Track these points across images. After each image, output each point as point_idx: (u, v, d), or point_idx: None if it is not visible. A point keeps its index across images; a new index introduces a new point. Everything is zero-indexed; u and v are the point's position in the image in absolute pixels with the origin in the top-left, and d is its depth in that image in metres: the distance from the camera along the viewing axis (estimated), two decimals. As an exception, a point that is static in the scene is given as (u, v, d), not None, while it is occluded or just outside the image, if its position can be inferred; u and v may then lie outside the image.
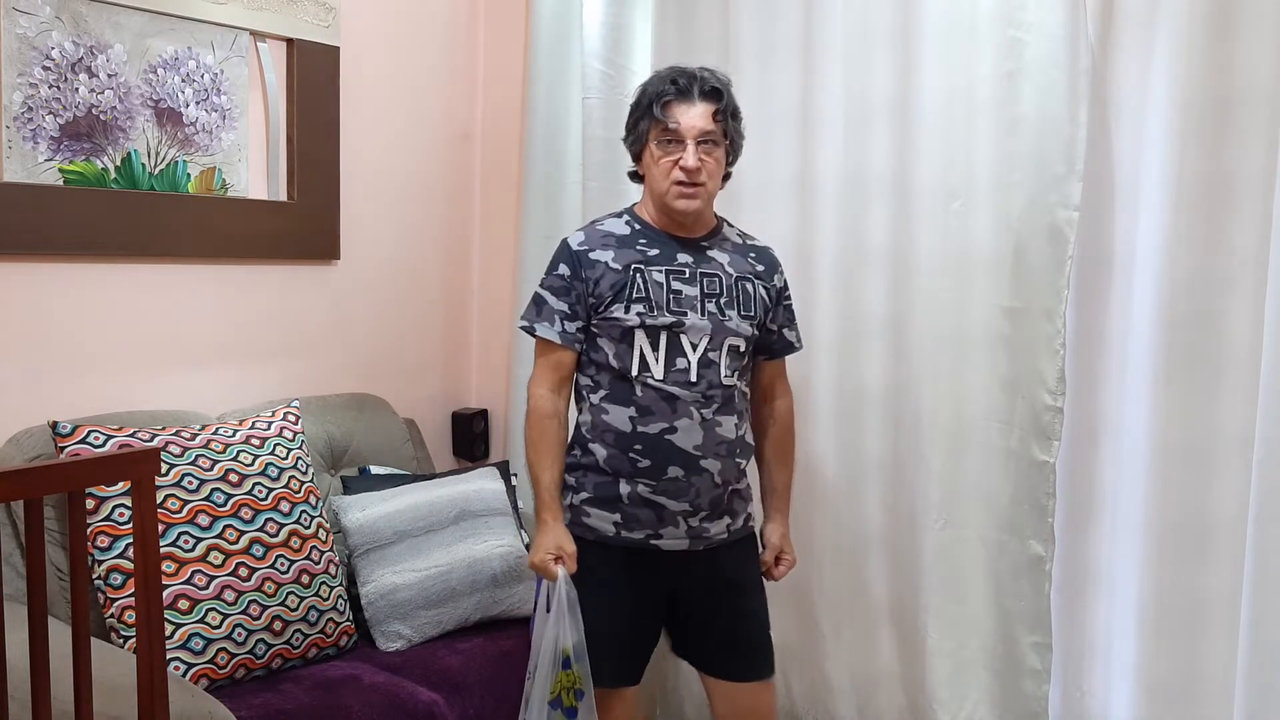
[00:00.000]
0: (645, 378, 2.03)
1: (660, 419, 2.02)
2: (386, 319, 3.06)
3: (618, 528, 2.06)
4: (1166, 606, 2.22)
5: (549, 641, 1.99)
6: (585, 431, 2.11)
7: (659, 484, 2.03)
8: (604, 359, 2.06)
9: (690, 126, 2.01)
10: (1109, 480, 2.34)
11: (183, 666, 2.07)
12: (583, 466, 2.10)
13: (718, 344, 2.05)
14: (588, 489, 2.09)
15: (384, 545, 2.46)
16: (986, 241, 2.36)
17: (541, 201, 3.05)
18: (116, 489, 2.11)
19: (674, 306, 2.03)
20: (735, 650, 2.16)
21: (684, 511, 2.04)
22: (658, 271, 2.05)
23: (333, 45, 2.81)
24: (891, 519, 2.56)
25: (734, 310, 2.07)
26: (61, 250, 2.33)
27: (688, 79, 2.04)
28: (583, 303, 2.07)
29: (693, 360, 2.03)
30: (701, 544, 2.08)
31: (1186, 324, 2.17)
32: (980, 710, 2.45)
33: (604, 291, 2.05)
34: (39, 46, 2.26)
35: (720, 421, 2.04)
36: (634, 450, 2.03)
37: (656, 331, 2.03)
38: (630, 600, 2.10)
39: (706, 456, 2.03)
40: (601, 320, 2.06)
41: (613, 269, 2.06)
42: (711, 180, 2.06)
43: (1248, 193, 2.09)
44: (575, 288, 2.07)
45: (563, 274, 2.09)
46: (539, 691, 2.00)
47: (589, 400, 2.10)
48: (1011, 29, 2.28)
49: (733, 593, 2.15)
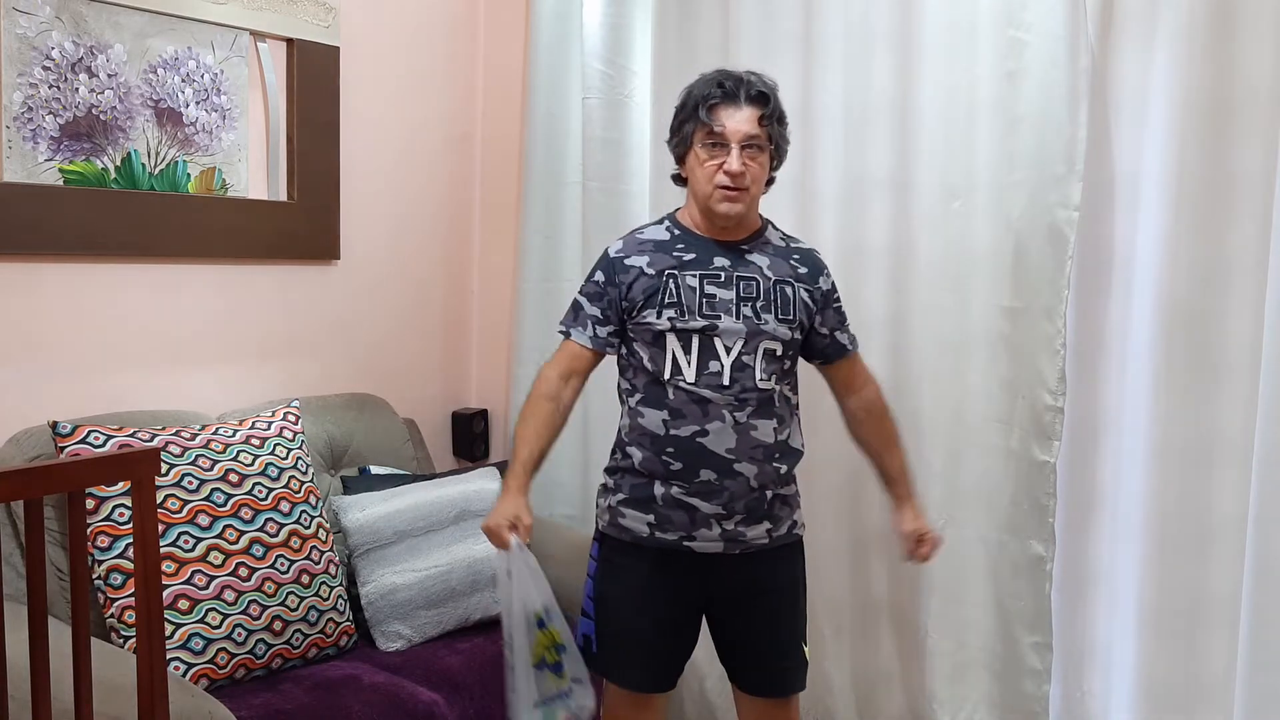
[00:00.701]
0: (677, 380, 2.01)
1: (692, 422, 2.00)
2: (386, 319, 3.06)
3: (651, 528, 2.05)
4: (1167, 606, 2.22)
5: (517, 607, 1.97)
6: (624, 435, 2.10)
7: (690, 486, 2.01)
8: (640, 362, 2.06)
9: (735, 130, 1.99)
10: (1109, 480, 2.33)
11: (183, 666, 2.07)
12: (621, 470, 2.10)
13: (753, 347, 2.02)
14: (624, 490, 2.08)
15: (384, 545, 2.46)
16: (987, 241, 2.36)
17: (541, 201, 3.05)
18: (116, 489, 2.11)
19: (707, 310, 2.01)
20: (764, 664, 2.13)
21: (717, 514, 2.01)
22: (692, 276, 2.04)
23: (333, 45, 2.81)
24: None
25: (770, 314, 2.04)
26: (61, 250, 2.33)
27: (734, 82, 2.02)
28: (615, 308, 2.07)
29: (726, 363, 2.01)
30: (737, 548, 2.04)
31: (1187, 324, 2.17)
32: (980, 710, 2.45)
33: (637, 296, 2.04)
34: (39, 46, 2.26)
35: (756, 425, 2.01)
36: (666, 453, 2.02)
37: (688, 335, 2.01)
38: (662, 604, 2.08)
39: (740, 460, 2.00)
40: (635, 325, 2.05)
41: (646, 274, 2.05)
42: (755, 185, 2.04)
43: (1248, 193, 2.09)
44: (608, 293, 2.08)
45: (598, 280, 2.11)
46: (520, 657, 1.99)
47: (628, 404, 2.10)
48: (1012, 29, 2.28)
49: (768, 604, 2.11)
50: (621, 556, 2.08)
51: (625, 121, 2.88)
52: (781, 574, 2.13)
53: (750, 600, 2.10)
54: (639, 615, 2.07)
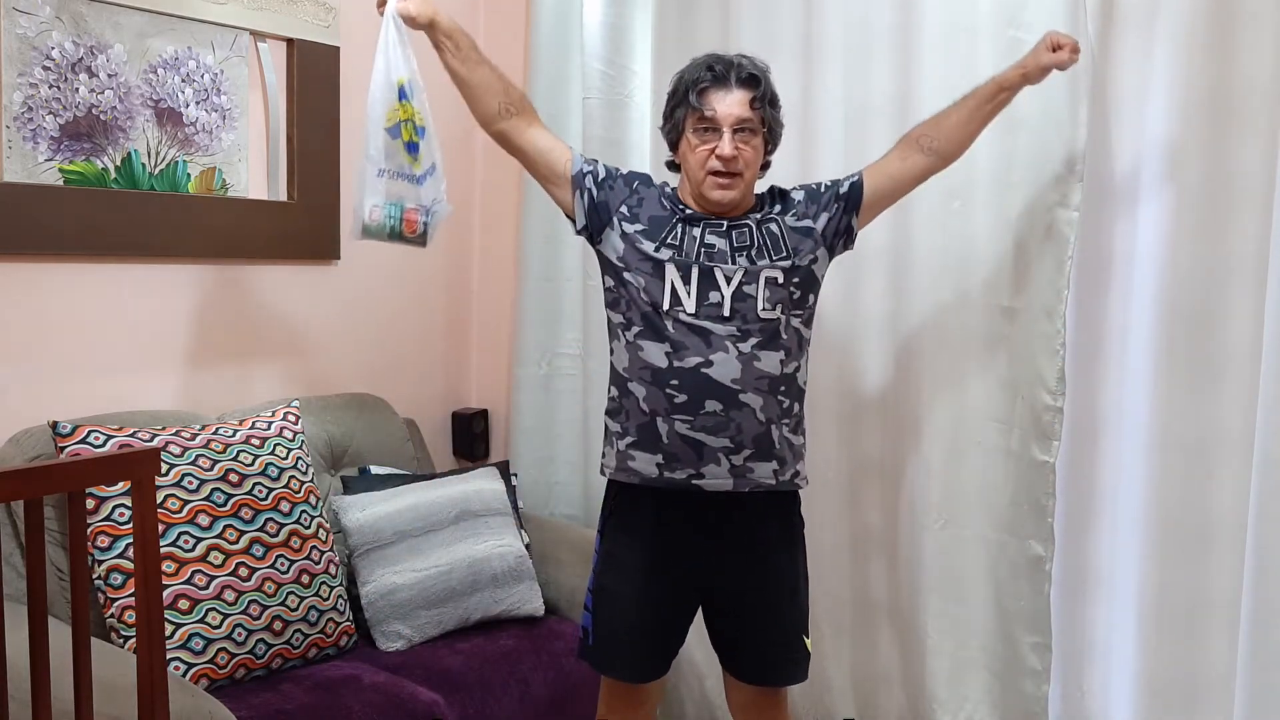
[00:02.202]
0: (677, 312, 1.99)
1: (694, 353, 1.97)
2: (387, 319, 3.06)
3: (660, 468, 2.00)
4: (1166, 606, 2.22)
5: (379, 73, 2.06)
6: (622, 370, 2.06)
7: (696, 419, 1.97)
8: (635, 294, 2.03)
9: (726, 114, 1.98)
10: (1109, 480, 2.33)
11: (183, 666, 2.07)
12: (624, 409, 2.06)
13: (753, 276, 1.99)
14: (631, 433, 2.04)
15: (384, 545, 2.46)
16: (986, 241, 2.37)
17: (541, 202, 3.01)
18: (116, 489, 2.11)
19: (704, 259, 2.00)
20: (761, 652, 2.10)
21: (725, 448, 1.97)
22: (695, 227, 2.03)
23: (333, 45, 2.81)
24: (891, 519, 2.56)
25: (765, 259, 2.01)
26: (61, 250, 2.33)
27: (724, 65, 2.00)
28: (617, 192, 2.09)
29: (726, 294, 1.98)
30: (746, 485, 2.00)
31: (1186, 323, 2.17)
32: (980, 710, 2.45)
33: (640, 212, 2.06)
34: (39, 46, 2.26)
35: (760, 356, 1.98)
36: (670, 385, 1.98)
37: (688, 266, 2.00)
38: (664, 589, 2.06)
39: (746, 391, 1.97)
40: (628, 245, 2.04)
41: (658, 207, 2.07)
42: (749, 169, 2.02)
43: (1247, 192, 2.09)
44: (619, 180, 2.11)
45: (622, 172, 2.14)
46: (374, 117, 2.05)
47: (624, 338, 2.05)
48: (1012, 29, 2.28)
49: (768, 595, 2.08)
50: (625, 500, 2.06)
51: (625, 121, 2.89)
52: (782, 538, 2.09)
53: (750, 592, 2.07)
54: (636, 600, 2.05)
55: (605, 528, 2.13)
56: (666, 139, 2.11)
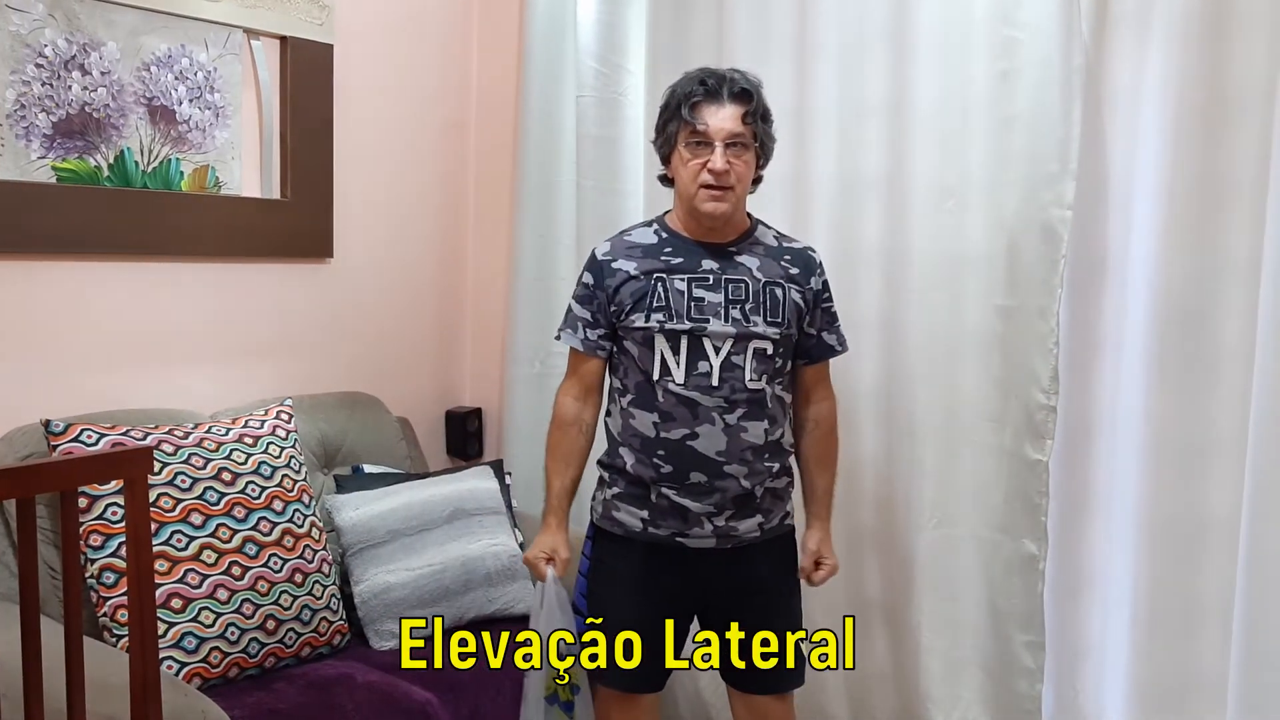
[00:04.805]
0: (666, 382, 2.01)
1: (681, 424, 2.00)
2: (380, 317, 3.06)
3: (645, 524, 2.05)
4: (1160, 605, 2.23)
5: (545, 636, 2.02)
6: (615, 434, 2.11)
7: (682, 488, 2.01)
8: (631, 362, 2.06)
9: (719, 129, 1.98)
10: (1102, 479, 2.34)
11: (176, 665, 2.07)
12: (615, 468, 2.11)
13: (742, 347, 2.01)
14: (620, 487, 2.09)
15: (377, 544, 2.46)
16: (980, 240, 2.37)
17: (535, 200, 3.05)
18: (109, 488, 2.10)
19: (695, 314, 2.01)
20: (765, 665, 2.11)
21: (708, 512, 2.02)
22: (680, 280, 2.03)
23: (326, 43, 2.81)
24: (885, 518, 2.56)
25: (759, 316, 2.02)
26: (54, 248, 2.32)
27: (717, 80, 2.01)
28: (604, 311, 2.07)
29: (715, 364, 2.00)
30: (730, 543, 2.04)
31: (1180, 322, 2.18)
32: (973, 709, 2.45)
33: (625, 299, 2.04)
34: (32, 44, 2.25)
35: (746, 427, 2.01)
36: (657, 455, 2.02)
37: (677, 336, 2.01)
38: (655, 602, 2.08)
39: (730, 462, 2.00)
40: (624, 328, 2.05)
41: (634, 277, 2.05)
42: (740, 183, 2.02)
43: (1241, 192, 2.10)
44: (597, 296, 2.08)
45: (587, 283, 2.11)
46: (534, 689, 2.02)
47: (619, 403, 2.10)
48: (1006, 28, 2.29)
49: (762, 601, 2.10)
50: (614, 552, 2.09)
51: (620, 119, 2.88)
52: (775, 570, 2.13)
53: (744, 599, 2.09)
54: (629, 615, 2.07)
55: (593, 550, 2.16)
56: (659, 153, 2.11)
